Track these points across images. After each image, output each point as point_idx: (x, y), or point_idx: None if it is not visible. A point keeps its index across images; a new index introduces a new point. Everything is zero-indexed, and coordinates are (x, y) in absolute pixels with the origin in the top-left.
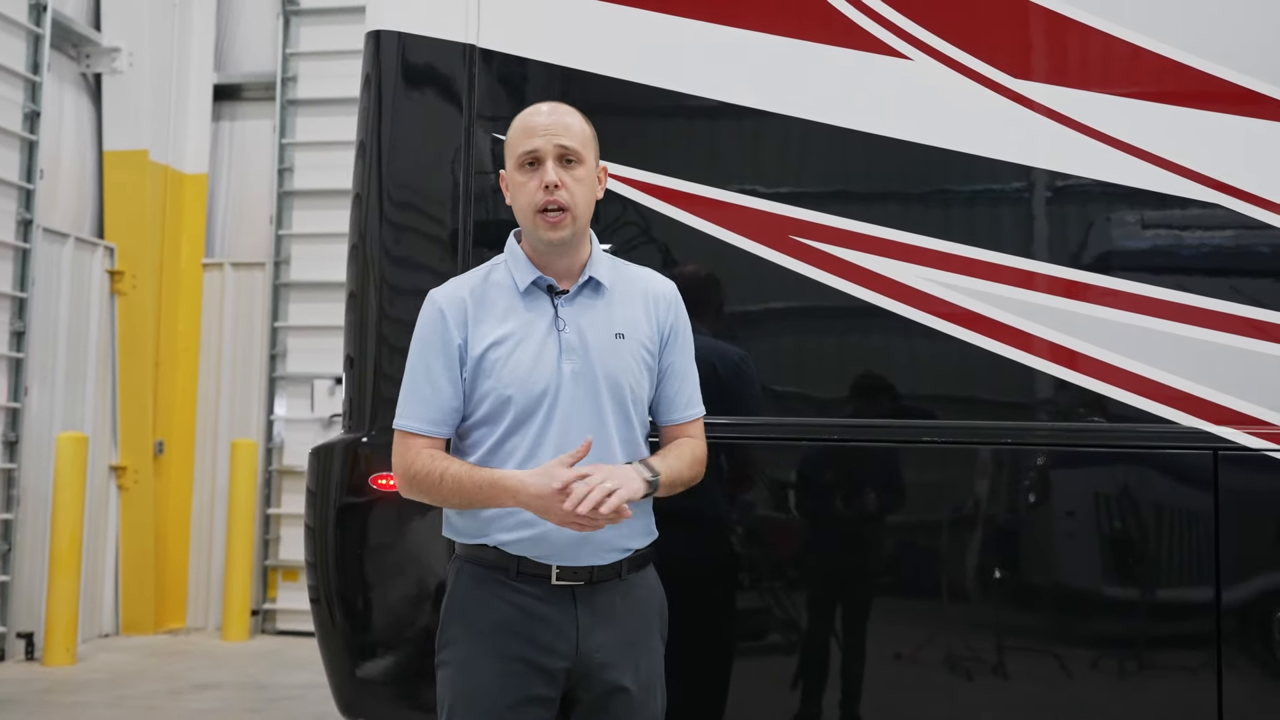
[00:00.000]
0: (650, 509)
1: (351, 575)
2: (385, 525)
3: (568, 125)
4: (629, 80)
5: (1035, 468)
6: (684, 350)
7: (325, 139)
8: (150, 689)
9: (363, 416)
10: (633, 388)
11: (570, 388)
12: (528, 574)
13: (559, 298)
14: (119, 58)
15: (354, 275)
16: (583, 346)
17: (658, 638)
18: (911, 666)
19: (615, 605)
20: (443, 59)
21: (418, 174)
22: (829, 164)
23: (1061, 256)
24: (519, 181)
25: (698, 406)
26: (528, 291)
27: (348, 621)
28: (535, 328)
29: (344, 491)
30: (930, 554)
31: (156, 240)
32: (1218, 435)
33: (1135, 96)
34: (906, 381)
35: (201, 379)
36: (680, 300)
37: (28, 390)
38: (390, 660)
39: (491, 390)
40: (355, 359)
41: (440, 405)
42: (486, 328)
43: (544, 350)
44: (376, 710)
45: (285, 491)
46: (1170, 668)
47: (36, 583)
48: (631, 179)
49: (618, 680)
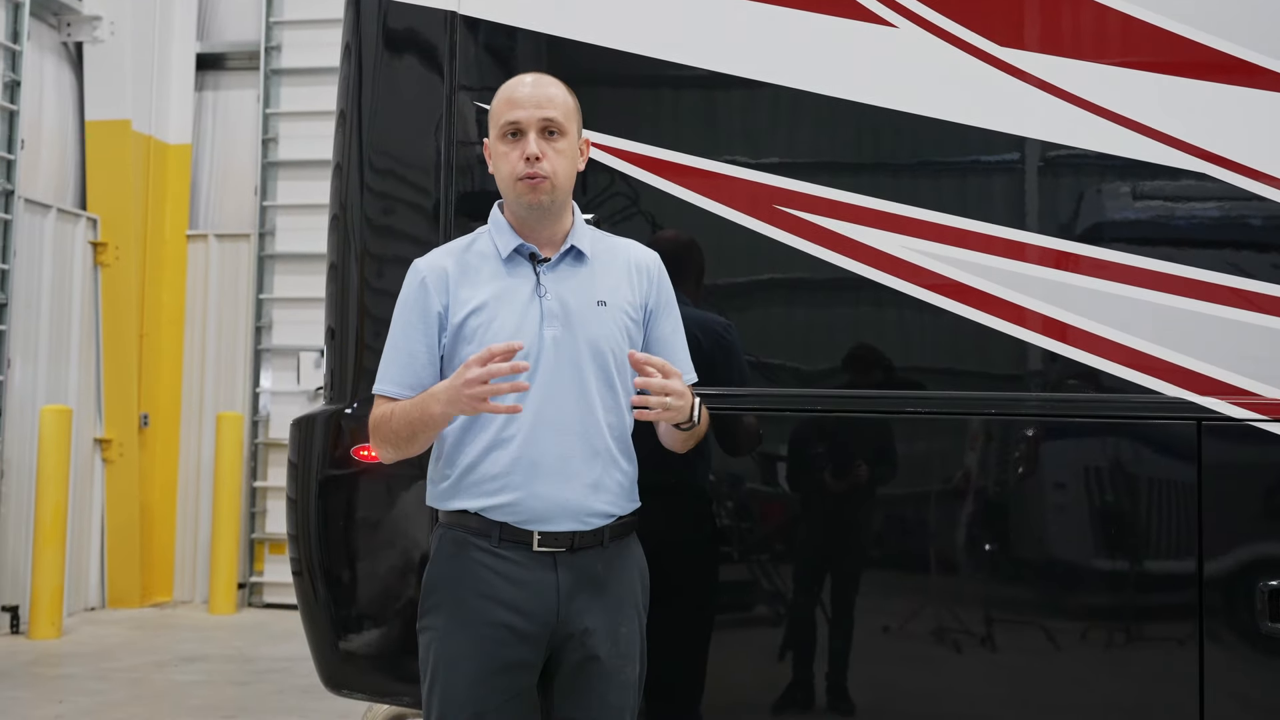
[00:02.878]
0: (634, 477)
1: (334, 547)
2: (368, 497)
3: (551, 97)
4: (612, 49)
5: (1022, 439)
6: (670, 318)
7: (310, 109)
8: (136, 662)
9: (344, 388)
10: (615, 354)
11: (551, 354)
12: (509, 540)
13: (541, 265)
14: (100, 26)
15: (335, 246)
16: (564, 313)
17: (639, 606)
18: (899, 639)
19: (597, 572)
20: (424, 26)
21: (399, 143)
22: (815, 133)
23: (1051, 227)
24: (501, 151)
25: (689, 373)
26: (510, 259)
27: (330, 594)
28: (517, 294)
29: (326, 463)
30: (919, 526)
31: (140, 212)
32: (1202, 405)
33: (1128, 66)
34: (896, 353)
35: (186, 352)
36: (664, 270)
37: (10, 363)
38: (373, 632)
39: (471, 356)
40: (337, 330)
41: (414, 370)
42: (467, 293)
43: (526, 316)
44: (359, 682)
45: (271, 465)
46: (1153, 639)
47: (21, 556)
48: (617, 149)
49: (596, 647)
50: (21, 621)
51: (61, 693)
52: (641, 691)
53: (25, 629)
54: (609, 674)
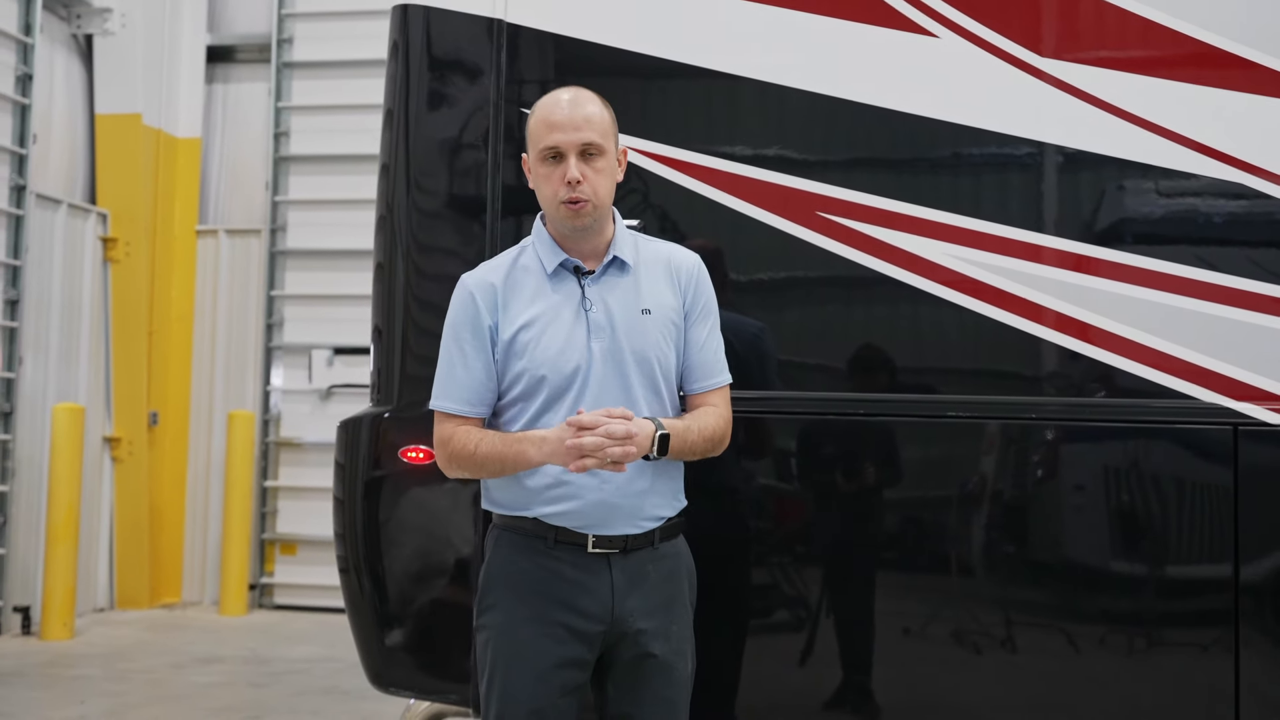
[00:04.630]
0: (681, 478)
1: (380, 546)
2: (413, 497)
3: (589, 117)
4: (656, 56)
5: (1057, 443)
6: (706, 319)
7: (323, 103)
8: (151, 663)
9: (390, 389)
10: (660, 361)
11: (600, 365)
12: (565, 542)
13: (585, 278)
14: (110, 18)
15: (382, 246)
16: (610, 325)
17: (688, 604)
18: (924, 643)
19: (648, 572)
20: (469, 32)
21: (445, 147)
22: (853, 139)
23: (1089, 234)
24: (542, 173)
25: (718, 375)
26: (555, 273)
27: (376, 592)
28: (564, 309)
29: (372, 464)
30: (957, 531)
31: (149, 206)
32: (1238, 411)
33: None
34: (937, 357)
35: (196, 349)
36: (704, 271)
37: (22, 360)
38: (420, 630)
39: (525, 371)
40: (384, 330)
41: (473, 386)
42: (515, 310)
43: (574, 330)
44: (405, 679)
45: (283, 464)
46: (1189, 645)
47: (32, 557)
48: (662, 155)
49: (650, 644)
50: (33, 622)
51: (79, 694)
52: (692, 688)
53: (37, 630)
54: (664, 670)
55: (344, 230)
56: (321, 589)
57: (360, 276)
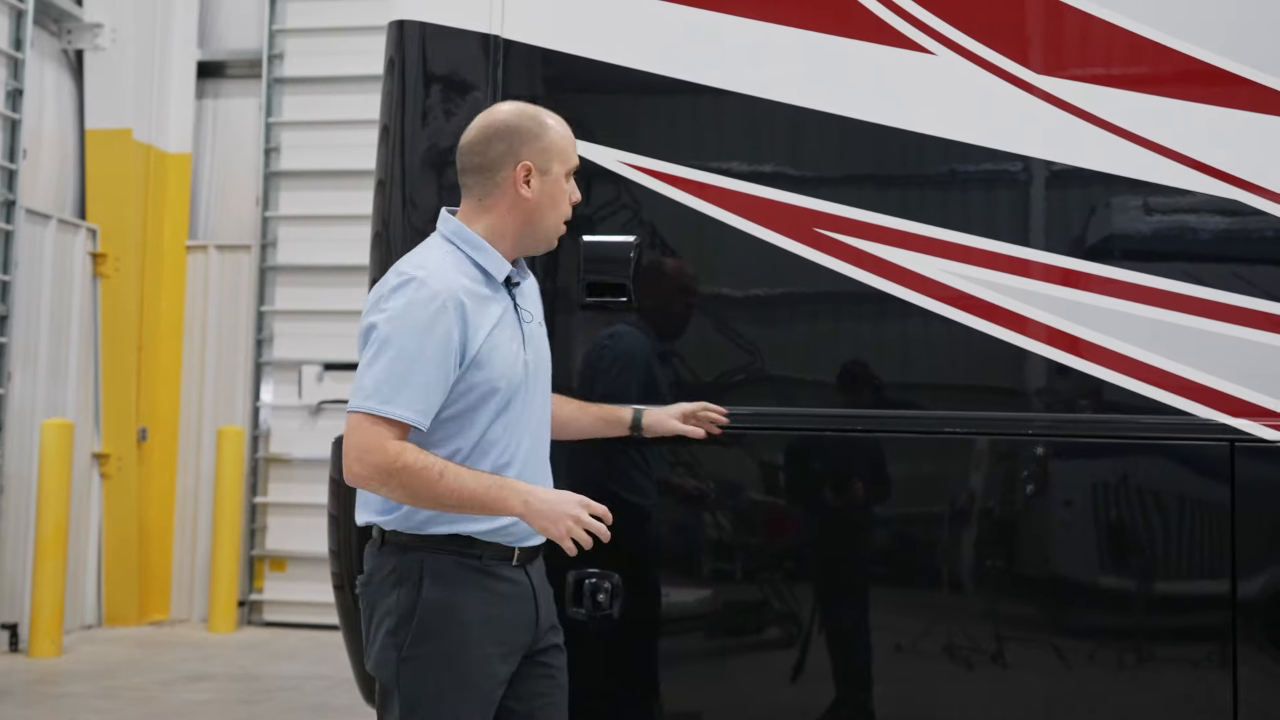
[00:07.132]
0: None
1: None
2: None
3: None
4: (654, 73)
5: (1053, 459)
6: None
7: (313, 118)
8: (141, 680)
9: None
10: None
11: (530, 377)
12: (495, 558)
13: (514, 289)
14: (101, 34)
15: (377, 262)
16: (532, 335)
17: None
18: (917, 659)
19: (544, 573)
20: (466, 49)
21: (441, 163)
22: (848, 155)
23: (1085, 250)
24: (562, 189)
25: None
26: (497, 282)
27: None
28: (507, 318)
29: None
30: (951, 548)
31: (139, 222)
32: (1234, 427)
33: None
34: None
35: (185, 365)
36: None
37: (10, 376)
38: None
39: (484, 382)
40: None
41: (429, 398)
42: (477, 320)
43: (513, 340)
44: None
45: (272, 480)
46: (1186, 662)
47: (20, 573)
48: (658, 171)
49: (555, 638)
50: (21, 639)
51: (67, 712)
52: None
53: (24, 647)
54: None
55: (334, 246)
56: (311, 605)
57: (350, 292)
